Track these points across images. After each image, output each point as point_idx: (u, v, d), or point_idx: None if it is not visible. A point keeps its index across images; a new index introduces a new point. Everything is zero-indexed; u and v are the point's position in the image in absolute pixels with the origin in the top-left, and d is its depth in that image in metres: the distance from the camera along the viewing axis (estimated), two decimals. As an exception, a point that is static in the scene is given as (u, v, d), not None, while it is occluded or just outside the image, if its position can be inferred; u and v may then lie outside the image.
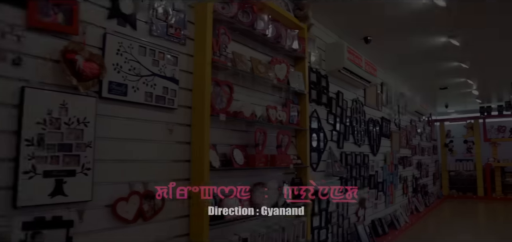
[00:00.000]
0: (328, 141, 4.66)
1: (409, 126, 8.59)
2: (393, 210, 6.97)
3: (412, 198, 8.41)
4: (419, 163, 9.36)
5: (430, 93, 9.96)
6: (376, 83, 6.37)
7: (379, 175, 6.29)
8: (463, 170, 12.35)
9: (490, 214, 9.78)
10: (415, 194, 8.79)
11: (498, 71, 7.64)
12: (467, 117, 12.37)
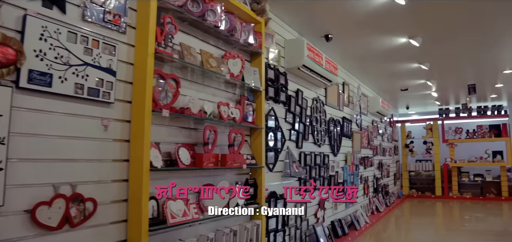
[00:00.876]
0: (286, 140, 4.51)
1: (370, 126, 8.62)
2: (353, 211, 6.94)
3: (373, 198, 8.44)
4: (380, 163, 9.42)
5: (392, 95, 10.09)
6: (337, 82, 6.30)
7: (339, 175, 6.22)
8: (422, 170, 12.62)
9: (446, 213, 10.00)
10: (376, 194, 8.83)
11: (455, 73, 7.79)
12: (427, 118, 12.64)
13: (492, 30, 5.25)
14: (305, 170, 4.90)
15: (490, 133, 11.77)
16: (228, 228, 3.24)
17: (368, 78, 7.99)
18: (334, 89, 6.26)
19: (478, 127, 12.00)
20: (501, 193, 11.44)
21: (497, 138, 11.65)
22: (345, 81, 6.87)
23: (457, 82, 8.65)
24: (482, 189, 11.88)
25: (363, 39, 5.50)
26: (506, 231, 7.80)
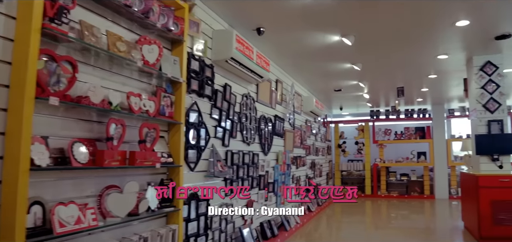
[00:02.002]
0: (211, 137, 4.20)
1: (304, 126, 8.58)
2: (284, 211, 6.79)
3: (304, 198, 8.39)
4: (313, 162, 9.43)
5: (326, 95, 10.16)
6: (269, 79, 6.12)
7: (270, 175, 6.03)
8: (353, 169, 12.94)
9: (375, 211, 10.29)
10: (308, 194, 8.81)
11: (386, 76, 7.97)
12: (359, 120, 12.98)
13: (418, 35, 5.35)
14: (231, 169, 4.63)
15: (416, 134, 12.35)
16: (137, 235, 2.88)
17: (302, 77, 7.91)
18: (266, 86, 6.06)
19: (405, 129, 12.54)
20: (424, 191, 12.05)
21: (422, 140, 12.25)
22: (278, 79, 6.71)
23: (387, 85, 8.89)
24: (407, 187, 12.43)
25: (297, 35, 5.34)
26: (428, 228, 8.16)
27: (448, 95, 10.42)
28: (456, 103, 11.89)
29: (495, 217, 5.75)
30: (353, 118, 13.65)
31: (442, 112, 12.12)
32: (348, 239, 7.00)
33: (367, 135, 12.61)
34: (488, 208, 5.78)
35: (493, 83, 6.25)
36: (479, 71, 6.31)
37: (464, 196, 7.18)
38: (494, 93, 6.25)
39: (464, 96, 7.22)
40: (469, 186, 6.47)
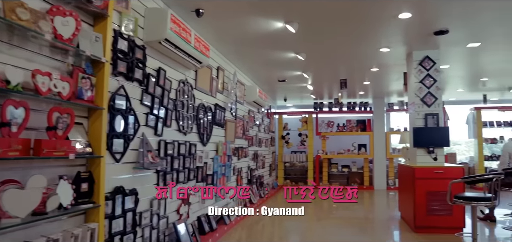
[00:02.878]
0: (141, 126, 3.83)
1: (246, 116, 8.35)
2: (224, 204, 6.54)
3: (246, 190, 8.19)
4: (255, 154, 9.26)
5: (270, 85, 10.00)
6: (210, 66, 5.80)
7: (208, 166, 5.74)
8: (297, 161, 12.97)
9: (317, 202, 10.30)
10: (250, 185, 8.62)
11: (329, 67, 7.94)
12: (303, 111, 13.01)
13: (362, 26, 5.30)
14: (165, 161, 4.28)
15: (357, 127, 12.61)
16: (44, 237, 2.48)
17: (245, 65, 7.66)
18: (206, 73, 5.73)
19: (347, 121, 12.76)
20: (364, 182, 12.35)
21: (363, 132, 12.54)
22: (220, 66, 6.40)
23: (331, 76, 8.89)
24: (348, 178, 12.70)
25: (239, 20, 5.06)
26: (367, 218, 8.30)
27: (388, 89, 10.69)
28: (395, 97, 12.28)
29: (429, 207, 5.89)
30: (297, 110, 13.68)
31: (382, 106, 12.46)
32: (291, 230, 6.92)
33: (310, 127, 12.67)
34: (423, 198, 5.91)
35: (431, 78, 6.39)
36: (418, 65, 6.42)
37: (401, 187, 7.33)
38: (431, 88, 6.39)
39: (403, 90, 7.37)
40: (406, 177, 6.59)
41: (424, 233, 5.84)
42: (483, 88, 10.58)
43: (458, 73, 8.60)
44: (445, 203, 5.76)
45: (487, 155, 11.86)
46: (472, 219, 4.84)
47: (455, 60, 7.36)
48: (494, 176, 4.64)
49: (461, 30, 5.53)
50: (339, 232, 6.41)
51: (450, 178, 5.77)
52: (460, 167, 6.15)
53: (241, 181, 7.83)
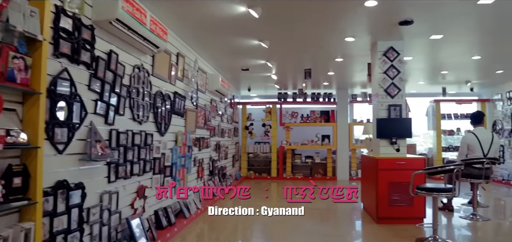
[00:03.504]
0: (89, 114, 3.49)
1: (208, 105, 8.07)
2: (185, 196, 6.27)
3: (208, 181, 7.94)
4: (218, 144, 9.00)
5: (234, 74, 9.74)
6: (169, 51, 5.49)
7: (167, 157, 5.44)
8: (260, 152, 12.82)
9: (280, 192, 10.24)
10: (212, 177, 8.37)
11: (294, 56, 7.76)
12: (267, 102, 12.85)
13: (328, 13, 5.14)
14: (116, 152, 3.96)
15: (321, 118, 12.60)
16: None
17: (207, 52, 7.36)
18: (165, 59, 5.41)
19: (311, 112, 12.73)
20: (327, 173, 12.39)
21: (326, 123, 12.54)
22: (180, 52, 6.08)
23: (295, 66, 8.73)
24: (311, 169, 12.69)
25: (199, 2, 4.76)
26: (330, 209, 8.27)
27: (352, 80, 10.70)
28: (359, 89, 12.34)
29: (391, 198, 5.87)
30: (261, 100, 13.50)
31: (346, 97, 12.51)
32: (253, 222, 6.76)
33: (274, 117, 12.54)
34: (385, 189, 5.88)
35: (395, 69, 6.36)
36: (383, 56, 6.37)
37: (364, 178, 7.32)
38: (395, 79, 6.36)
39: (367, 81, 7.34)
40: (369, 168, 6.56)
41: (386, 224, 5.82)
42: (442, 81, 10.80)
43: (420, 65, 8.68)
44: (407, 194, 5.77)
45: (444, 146, 12.19)
46: (433, 210, 4.85)
47: (417, 52, 7.40)
48: (455, 167, 4.64)
49: (425, 21, 5.50)
50: (301, 223, 6.29)
51: (412, 169, 5.77)
52: (422, 158, 6.18)
53: (203, 173, 7.56)
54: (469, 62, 8.31)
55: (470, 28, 5.99)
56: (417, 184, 4.96)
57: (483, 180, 6.17)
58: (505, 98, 11.36)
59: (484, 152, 6.25)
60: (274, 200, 9.29)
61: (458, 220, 6.29)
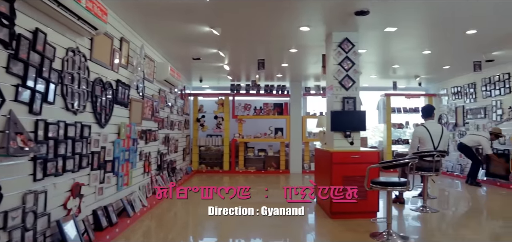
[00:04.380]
0: (8, 101, 2.98)
1: (157, 96, 7.58)
2: (128, 193, 5.80)
3: (155, 177, 7.47)
4: (167, 137, 8.53)
5: (184, 64, 9.26)
6: (111, 35, 5.00)
7: (108, 151, 4.96)
8: (212, 145, 12.45)
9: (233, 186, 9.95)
10: (160, 172, 7.91)
11: (247, 46, 7.46)
12: (219, 93, 12.50)
13: (280, 2, 4.94)
14: (44, 145, 3.46)
15: (274, 110, 12.45)
16: None
17: (155, 39, 6.87)
18: (106, 43, 4.91)
19: (264, 105, 12.54)
20: (280, 166, 12.26)
21: (280, 116, 12.41)
22: (124, 37, 5.58)
23: (248, 56, 8.44)
24: (264, 163, 12.53)
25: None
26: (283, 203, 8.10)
27: (306, 72, 10.58)
28: (312, 81, 12.29)
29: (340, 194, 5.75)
30: (213, 91, 13.11)
31: (300, 90, 12.43)
32: (204, 218, 6.44)
33: (226, 110, 12.21)
34: (340, 183, 5.74)
35: (349, 60, 6.23)
36: (338, 47, 6.22)
37: (318, 172, 7.18)
38: (349, 71, 6.24)
39: (321, 73, 7.20)
40: (323, 162, 6.42)
41: (340, 218, 5.70)
42: (393, 75, 10.98)
43: (372, 59, 8.69)
44: (361, 188, 5.69)
45: (393, 139, 12.45)
46: (387, 204, 4.75)
47: (371, 45, 7.36)
48: (410, 160, 4.56)
49: (380, 12, 5.41)
50: (252, 218, 6.06)
51: (366, 162, 5.69)
52: (376, 151, 6.12)
53: (150, 167, 7.10)
54: (419, 57, 8.43)
55: (422, 22, 6.01)
56: (371, 178, 4.84)
57: (433, 172, 6.21)
58: (450, 93, 11.79)
59: (435, 145, 6.30)
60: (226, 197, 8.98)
61: (409, 212, 6.31)
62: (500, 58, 8.52)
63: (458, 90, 11.34)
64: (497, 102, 9.63)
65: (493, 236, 5.29)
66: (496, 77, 9.63)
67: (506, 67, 9.21)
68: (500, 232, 5.51)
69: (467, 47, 7.47)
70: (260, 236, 5.32)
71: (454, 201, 7.99)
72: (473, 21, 5.88)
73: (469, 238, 5.07)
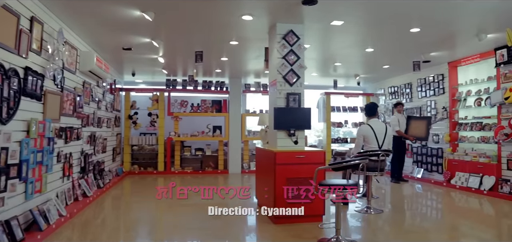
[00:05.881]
0: None
1: (80, 89, 6.69)
2: (42, 202, 4.94)
3: (78, 180, 6.60)
4: (93, 136, 7.63)
5: (114, 55, 8.38)
6: (17, 12, 4.15)
7: (12, 153, 4.10)
8: (146, 144, 11.60)
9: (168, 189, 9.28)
10: (85, 175, 7.03)
11: (184, 36, 6.81)
12: (154, 88, 11.67)
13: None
14: None
15: (212, 108, 11.89)
16: None
17: (78, 23, 6.00)
18: (9, 21, 4.04)
19: (202, 101, 11.93)
20: (218, 166, 11.74)
21: (218, 113, 11.87)
22: (35, 16, 4.70)
23: (185, 48, 7.76)
24: (202, 162, 11.95)
25: None
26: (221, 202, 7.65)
27: (246, 68, 10.17)
28: (253, 78, 11.92)
29: (289, 195, 5.36)
30: (148, 87, 12.24)
31: (239, 86, 11.99)
32: (138, 222, 5.82)
33: (161, 106, 11.41)
34: (284, 186, 5.35)
35: (294, 54, 5.87)
36: (282, 39, 5.82)
37: (259, 173, 6.76)
38: (294, 65, 5.88)
39: (264, 67, 6.78)
40: (265, 162, 6.00)
41: (284, 223, 5.30)
42: (334, 73, 10.92)
43: (314, 55, 8.45)
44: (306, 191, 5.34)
45: (332, 138, 12.44)
46: (336, 209, 4.40)
47: (314, 40, 7.10)
48: (361, 161, 4.26)
49: (328, 3, 5.07)
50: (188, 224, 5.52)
51: (312, 163, 5.37)
52: (322, 151, 5.80)
53: (71, 170, 6.22)
54: (361, 55, 8.35)
55: (369, 16, 5.80)
56: (318, 179, 4.49)
57: (378, 172, 6.04)
58: (387, 93, 12.00)
59: (379, 144, 6.14)
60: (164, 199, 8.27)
61: (354, 214, 6.08)
62: (436, 59, 8.72)
63: (395, 90, 11.57)
64: (431, 102, 9.89)
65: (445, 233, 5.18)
66: (431, 78, 9.88)
67: (440, 68, 9.47)
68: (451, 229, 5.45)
69: (409, 46, 7.48)
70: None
71: (395, 200, 7.95)
72: (419, 19, 5.81)
73: (419, 239, 4.90)
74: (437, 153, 9.53)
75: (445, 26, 6.19)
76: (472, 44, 7.32)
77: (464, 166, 8.48)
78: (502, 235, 5.41)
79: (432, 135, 9.67)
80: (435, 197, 7.94)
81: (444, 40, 7.07)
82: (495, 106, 7.85)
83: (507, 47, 7.31)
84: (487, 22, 6.08)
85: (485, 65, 8.42)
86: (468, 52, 8.28)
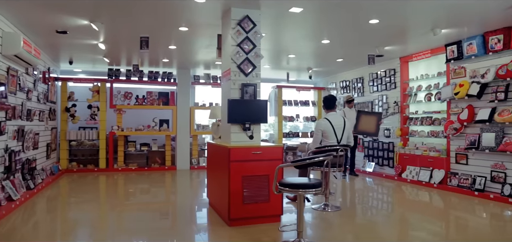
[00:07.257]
0: None
1: (4, 77, 5.81)
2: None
3: (1, 183, 5.74)
4: (21, 130, 6.73)
5: (48, 39, 7.46)
6: None
7: None
8: (85, 139, 10.66)
9: (110, 187, 8.54)
10: (10, 175, 6.16)
11: (128, 18, 6.13)
12: (95, 79, 10.75)
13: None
14: None
15: (159, 100, 11.19)
16: None
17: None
18: None
19: (148, 93, 11.18)
20: (165, 162, 11.10)
21: (165, 106, 11.20)
22: None
23: (130, 33, 7.00)
24: (148, 159, 11.26)
25: None
26: (168, 200, 7.17)
27: (195, 59, 9.60)
28: (202, 70, 11.36)
29: (245, 195, 4.95)
30: (88, 77, 11.27)
31: (188, 78, 11.39)
32: (78, 224, 5.16)
33: (103, 98, 10.53)
34: (239, 185, 4.93)
35: (250, 42, 5.43)
36: (237, 25, 5.35)
37: (211, 170, 6.27)
38: (250, 54, 5.44)
39: (216, 55, 6.27)
40: (218, 159, 5.54)
41: (240, 225, 4.88)
42: (287, 66, 10.65)
43: (268, 46, 8.07)
44: (263, 189, 4.99)
45: (284, 132, 12.20)
46: (299, 210, 4.02)
47: (269, 29, 6.72)
48: (325, 158, 3.93)
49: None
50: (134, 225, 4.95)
51: (269, 159, 5.02)
52: (280, 146, 5.41)
53: (-8, 170, 5.38)
54: (317, 46, 8.11)
55: (327, 5, 5.48)
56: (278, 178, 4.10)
57: (337, 167, 5.79)
58: (338, 87, 11.94)
59: (338, 138, 5.89)
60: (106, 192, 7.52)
61: (312, 212, 5.78)
62: (389, 53, 8.70)
63: (346, 84, 11.53)
64: (383, 97, 9.90)
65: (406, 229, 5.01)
66: (382, 73, 9.89)
67: (392, 63, 9.48)
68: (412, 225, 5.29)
69: (365, 38, 7.34)
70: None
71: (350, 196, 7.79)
72: (378, 10, 5.61)
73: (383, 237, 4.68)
74: (388, 147, 9.56)
75: (403, 20, 6.08)
76: (424, 39, 7.34)
77: (415, 160, 8.54)
78: (450, 227, 5.37)
79: (383, 130, 9.70)
80: (386, 191, 7.89)
81: (399, 33, 6.99)
82: (445, 102, 7.94)
83: (457, 43, 7.39)
84: (441, 18, 6.04)
85: (435, 61, 8.53)
86: (419, 48, 8.34)
